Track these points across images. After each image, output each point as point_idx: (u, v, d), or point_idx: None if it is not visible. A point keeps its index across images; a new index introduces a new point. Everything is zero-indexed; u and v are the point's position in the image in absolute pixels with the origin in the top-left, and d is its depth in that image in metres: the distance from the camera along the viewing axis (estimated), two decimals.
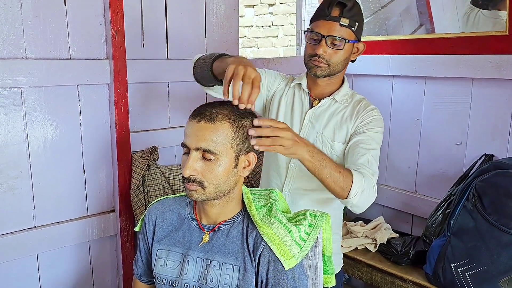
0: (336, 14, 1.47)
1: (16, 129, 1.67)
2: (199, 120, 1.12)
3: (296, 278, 1.14)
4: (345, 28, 1.48)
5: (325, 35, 1.48)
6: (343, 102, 1.59)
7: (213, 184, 1.13)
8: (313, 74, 1.55)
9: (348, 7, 1.46)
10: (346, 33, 1.49)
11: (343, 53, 1.51)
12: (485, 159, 1.97)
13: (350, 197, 1.33)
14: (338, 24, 1.47)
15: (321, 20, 1.49)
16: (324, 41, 1.48)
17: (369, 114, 1.56)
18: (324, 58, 1.50)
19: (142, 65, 1.93)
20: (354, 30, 1.50)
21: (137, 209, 1.91)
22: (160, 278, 1.24)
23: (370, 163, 1.47)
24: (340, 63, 1.53)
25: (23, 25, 1.63)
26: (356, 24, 1.49)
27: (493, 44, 1.89)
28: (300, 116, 1.61)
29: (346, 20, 1.47)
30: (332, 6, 1.47)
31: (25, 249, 1.73)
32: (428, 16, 2.23)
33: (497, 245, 1.62)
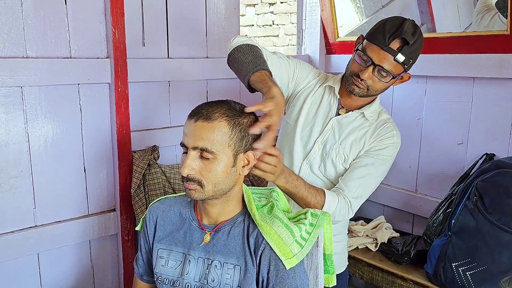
0: (394, 48, 1.40)
1: (17, 128, 1.67)
2: (196, 119, 1.12)
3: (297, 277, 1.14)
4: (398, 64, 1.42)
5: (376, 63, 1.42)
6: (370, 119, 1.57)
7: (211, 183, 1.13)
8: (350, 90, 1.52)
9: (409, 42, 1.39)
10: (397, 69, 1.44)
11: (385, 84, 1.48)
12: (486, 158, 1.96)
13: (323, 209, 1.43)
14: (393, 58, 1.41)
15: (377, 46, 1.41)
16: (372, 68, 1.43)
17: (387, 141, 1.56)
18: (366, 83, 1.46)
19: (142, 64, 1.92)
20: (406, 67, 1.45)
21: (138, 209, 1.91)
22: (161, 278, 1.24)
23: (360, 188, 1.51)
24: (379, 90, 1.51)
25: (23, 24, 1.63)
26: (410, 61, 1.44)
27: (495, 44, 1.89)
28: (323, 120, 1.59)
29: (402, 57, 1.41)
30: (395, 37, 1.40)
31: (25, 248, 1.73)
32: (429, 15, 2.23)
33: (498, 244, 1.62)
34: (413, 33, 1.41)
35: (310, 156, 1.59)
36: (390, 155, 1.57)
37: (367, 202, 2.49)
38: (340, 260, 1.70)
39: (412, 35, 1.40)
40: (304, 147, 1.61)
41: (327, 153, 1.57)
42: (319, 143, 1.58)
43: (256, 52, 1.44)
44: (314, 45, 2.58)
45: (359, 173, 1.52)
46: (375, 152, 1.54)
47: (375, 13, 2.40)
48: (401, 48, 1.40)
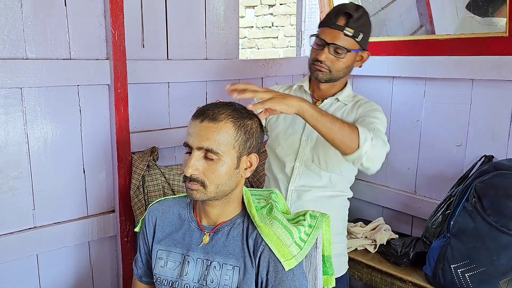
0: (341, 24, 1.50)
1: (16, 130, 1.67)
2: (202, 119, 1.12)
3: (296, 278, 1.14)
4: (349, 38, 1.51)
5: (329, 42, 1.52)
6: (345, 101, 1.63)
7: (214, 184, 1.13)
8: (315, 77, 1.59)
9: (354, 18, 1.49)
10: (349, 43, 1.52)
11: (344, 61, 1.55)
12: (485, 160, 1.97)
13: (361, 145, 1.33)
14: (342, 33, 1.50)
15: (327, 27, 1.53)
16: (327, 49, 1.52)
17: (369, 105, 1.62)
18: (326, 64, 1.54)
19: (142, 65, 1.93)
20: (358, 40, 1.53)
21: (137, 210, 1.91)
22: (160, 279, 1.24)
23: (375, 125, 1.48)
24: (342, 71, 1.57)
25: (23, 26, 1.63)
26: (360, 34, 1.52)
27: (493, 45, 1.89)
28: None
29: (350, 30, 1.50)
30: (339, 15, 1.51)
31: (25, 249, 1.73)
32: (428, 17, 2.24)
33: (496, 246, 1.62)
34: (356, 9, 1.52)
35: (300, 153, 1.62)
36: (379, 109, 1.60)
37: (366, 203, 2.51)
38: (341, 262, 1.70)
39: (356, 10, 1.51)
40: (291, 147, 1.64)
41: (315, 143, 1.61)
42: (305, 137, 1.62)
43: None
44: None
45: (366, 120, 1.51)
46: (366, 114, 1.56)
47: (374, 15, 2.41)
48: (347, 23, 1.50)
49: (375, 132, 1.43)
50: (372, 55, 2.34)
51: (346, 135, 1.33)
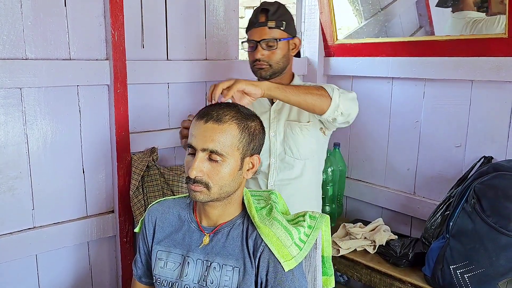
0: (263, 20, 1.64)
1: (16, 130, 1.67)
2: (206, 120, 1.12)
3: (296, 279, 1.14)
4: (274, 29, 1.63)
5: (258, 40, 1.64)
6: None
7: (218, 185, 1.13)
8: (259, 77, 1.69)
9: (271, 11, 1.63)
10: (276, 34, 1.64)
11: (279, 51, 1.66)
12: (484, 161, 1.97)
13: (331, 96, 1.50)
14: (267, 27, 1.63)
15: (252, 28, 1.66)
16: (259, 46, 1.64)
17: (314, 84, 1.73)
18: (264, 61, 1.66)
19: (142, 66, 1.93)
20: (283, 29, 1.65)
21: (137, 210, 1.91)
22: (160, 280, 1.24)
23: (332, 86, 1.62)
24: (280, 61, 1.67)
25: (23, 26, 1.63)
26: (283, 23, 1.64)
27: (493, 47, 1.90)
28: (265, 114, 1.74)
29: (272, 23, 1.63)
30: (258, 14, 1.65)
31: (24, 250, 1.73)
32: (428, 18, 2.24)
33: (496, 247, 1.62)
34: (271, 4, 1.67)
35: (273, 150, 1.71)
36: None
37: (366, 204, 2.51)
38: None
39: (271, 5, 1.65)
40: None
41: (283, 135, 1.70)
42: (273, 133, 1.72)
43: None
44: (313, 47, 2.59)
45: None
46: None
47: (374, 16, 2.41)
48: (267, 17, 1.63)
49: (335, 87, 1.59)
50: (372, 56, 2.36)
51: (316, 96, 1.49)
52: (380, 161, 2.43)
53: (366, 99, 2.45)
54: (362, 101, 2.44)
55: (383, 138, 2.40)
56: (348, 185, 2.54)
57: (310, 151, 1.72)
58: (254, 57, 1.66)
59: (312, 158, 1.75)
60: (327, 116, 1.53)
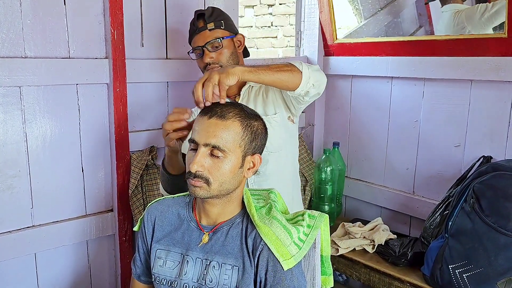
0: (201, 25, 1.66)
1: (15, 128, 1.67)
2: (210, 116, 1.13)
3: (295, 278, 1.14)
4: (215, 30, 1.65)
5: (203, 44, 1.65)
6: (256, 85, 1.73)
7: (218, 181, 1.13)
8: None
9: (207, 15, 1.66)
10: (218, 34, 1.66)
11: (226, 50, 1.66)
12: (483, 161, 1.97)
13: (304, 74, 1.51)
14: (207, 30, 1.65)
15: (194, 36, 1.68)
16: (206, 50, 1.65)
17: None
18: (214, 63, 1.65)
19: (141, 64, 1.93)
20: (224, 28, 1.67)
21: (136, 209, 1.91)
22: (159, 278, 1.24)
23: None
24: (230, 59, 1.68)
25: (22, 24, 1.63)
26: (222, 22, 1.67)
27: (492, 46, 1.90)
28: None
29: (211, 24, 1.65)
30: (196, 20, 1.68)
31: (23, 248, 1.73)
32: (428, 18, 2.24)
33: (494, 246, 1.62)
34: (205, 9, 1.70)
35: None
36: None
37: (365, 203, 2.51)
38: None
39: (206, 10, 1.69)
40: None
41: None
42: None
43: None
44: (313, 46, 2.59)
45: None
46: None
47: (373, 15, 2.41)
48: (205, 21, 1.65)
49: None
50: (371, 55, 2.36)
51: (287, 72, 1.49)
52: (379, 160, 2.43)
53: (366, 99, 2.45)
54: (361, 100, 2.47)
55: (383, 137, 2.40)
56: (347, 185, 2.55)
57: (282, 142, 1.72)
58: (204, 62, 1.66)
59: (285, 148, 1.74)
60: (300, 90, 1.53)
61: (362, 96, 2.47)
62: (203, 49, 1.66)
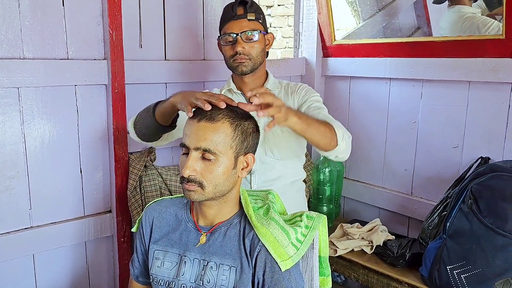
0: (241, 12, 1.59)
1: (13, 129, 1.67)
2: (199, 119, 1.12)
3: (293, 279, 1.14)
4: (253, 21, 1.60)
5: (238, 32, 1.58)
6: (275, 89, 1.71)
7: (212, 184, 1.13)
8: (239, 72, 1.64)
9: (249, 4, 1.60)
10: (256, 26, 1.61)
11: (258, 45, 1.62)
12: (481, 162, 1.97)
13: (339, 143, 1.48)
14: (246, 19, 1.59)
15: (230, 21, 1.60)
16: (240, 38, 1.59)
17: (301, 88, 1.71)
18: (244, 54, 1.60)
19: (139, 66, 1.93)
20: (261, 22, 1.63)
21: (134, 210, 1.91)
22: (157, 279, 1.24)
23: (328, 117, 1.59)
24: (259, 55, 1.64)
25: (21, 25, 1.63)
26: (261, 16, 1.63)
27: (490, 48, 1.90)
28: None
29: (252, 15, 1.59)
30: (236, 6, 1.60)
31: (21, 249, 1.73)
32: (426, 19, 2.24)
33: (492, 247, 1.62)
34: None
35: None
36: (315, 93, 1.71)
37: (363, 204, 2.51)
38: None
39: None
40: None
41: (265, 135, 1.65)
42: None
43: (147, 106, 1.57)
44: (311, 48, 2.59)
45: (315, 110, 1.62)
46: (304, 98, 1.68)
47: (371, 17, 2.41)
48: (246, 9, 1.59)
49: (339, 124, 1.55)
50: (370, 56, 2.37)
51: (328, 138, 1.44)
52: (378, 161, 2.43)
53: (364, 100, 2.45)
54: (360, 102, 2.47)
55: (381, 138, 2.40)
56: (345, 186, 2.55)
57: (290, 152, 1.70)
58: (234, 50, 1.60)
59: (291, 158, 1.72)
60: (326, 155, 1.52)
61: (361, 97, 2.47)
62: (236, 37, 1.59)
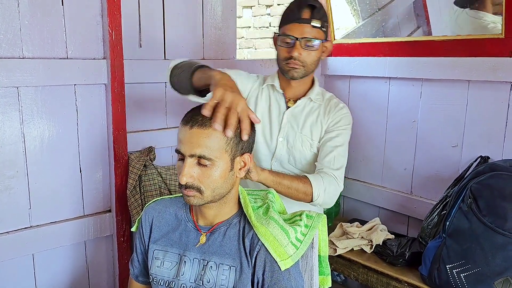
0: (307, 16, 1.52)
1: (13, 129, 1.67)
2: (191, 126, 1.10)
3: (292, 278, 1.14)
4: (317, 29, 1.53)
5: (299, 37, 1.52)
6: (317, 101, 1.67)
7: (210, 188, 1.13)
8: (289, 77, 1.59)
9: (317, 8, 1.52)
10: (318, 34, 1.54)
11: (315, 53, 1.57)
12: (481, 161, 1.97)
13: (314, 199, 1.50)
14: (310, 25, 1.51)
15: (293, 23, 1.53)
16: (299, 43, 1.52)
17: (339, 113, 1.66)
18: (299, 60, 1.54)
19: (139, 65, 1.93)
20: (325, 30, 1.57)
21: (134, 210, 1.91)
22: (157, 279, 1.24)
23: (336, 159, 1.59)
24: (314, 63, 1.60)
25: (20, 25, 1.63)
26: (325, 24, 1.56)
27: (489, 47, 1.90)
28: (278, 117, 1.68)
29: (317, 21, 1.52)
30: (303, 8, 1.52)
31: (21, 249, 1.73)
32: (425, 19, 2.24)
33: (492, 246, 1.63)
34: (316, 1, 1.53)
35: (277, 154, 1.67)
36: (347, 124, 1.67)
37: (362, 204, 2.52)
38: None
39: (316, 1, 1.53)
40: (269, 147, 1.68)
41: (292, 146, 1.65)
42: (281, 139, 1.66)
43: (189, 61, 1.52)
44: None
45: (329, 147, 1.61)
46: (334, 127, 1.65)
47: (371, 16, 2.41)
48: (312, 14, 1.51)
49: (331, 178, 1.54)
50: (369, 55, 2.37)
51: (300, 193, 1.48)
52: (377, 161, 2.43)
53: (363, 99, 2.45)
54: (359, 101, 2.47)
55: (380, 138, 2.40)
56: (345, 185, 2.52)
57: (311, 166, 1.68)
58: (290, 54, 1.53)
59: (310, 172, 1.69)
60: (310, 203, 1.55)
61: (360, 96, 2.47)
62: (295, 41, 1.52)
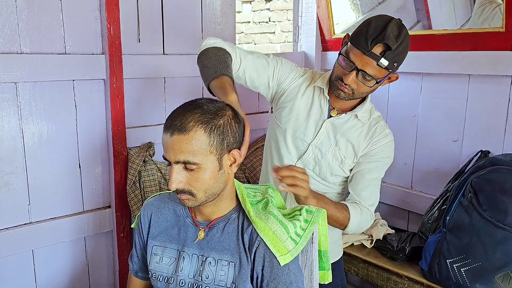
0: (377, 52, 1.36)
1: (11, 125, 1.66)
2: (172, 133, 1.09)
3: (292, 273, 1.14)
4: (382, 69, 1.39)
5: (359, 68, 1.40)
6: (363, 119, 1.56)
7: (202, 190, 1.12)
8: (337, 96, 1.51)
9: (393, 50, 1.35)
10: (381, 74, 1.41)
11: (370, 88, 1.46)
12: (481, 155, 1.97)
13: (347, 230, 1.50)
14: (376, 63, 1.37)
15: (361, 50, 1.38)
16: (355, 73, 1.41)
17: (382, 141, 1.57)
18: (350, 87, 1.45)
19: (138, 60, 1.92)
20: (391, 70, 1.42)
21: (134, 205, 1.90)
22: (156, 275, 1.23)
23: (373, 194, 1.56)
24: (365, 93, 1.50)
25: (18, 20, 1.62)
26: (394, 65, 1.40)
27: (490, 41, 1.89)
28: (316, 122, 1.58)
29: (385, 62, 1.37)
30: (376, 43, 1.35)
31: (20, 245, 1.73)
32: (425, 13, 2.23)
33: (492, 241, 1.62)
34: (397, 37, 1.35)
35: (305, 158, 1.59)
36: (389, 155, 1.60)
37: None
38: (337, 248, 1.74)
39: (396, 39, 1.35)
40: (297, 149, 1.61)
41: (323, 156, 1.57)
42: (314, 146, 1.57)
43: (221, 56, 1.44)
44: (310, 42, 2.58)
45: (367, 180, 1.55)
46: (374, 156, 1.56)
47: (371, 10, 2.40)
48: (384, 53, 1.36)
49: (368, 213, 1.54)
50: None
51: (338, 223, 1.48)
52: None
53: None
54: None
55: None
56: None
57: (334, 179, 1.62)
58: (343, 77, 1.43)
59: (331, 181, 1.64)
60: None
61: None
62: (354, 69, 1.40)
